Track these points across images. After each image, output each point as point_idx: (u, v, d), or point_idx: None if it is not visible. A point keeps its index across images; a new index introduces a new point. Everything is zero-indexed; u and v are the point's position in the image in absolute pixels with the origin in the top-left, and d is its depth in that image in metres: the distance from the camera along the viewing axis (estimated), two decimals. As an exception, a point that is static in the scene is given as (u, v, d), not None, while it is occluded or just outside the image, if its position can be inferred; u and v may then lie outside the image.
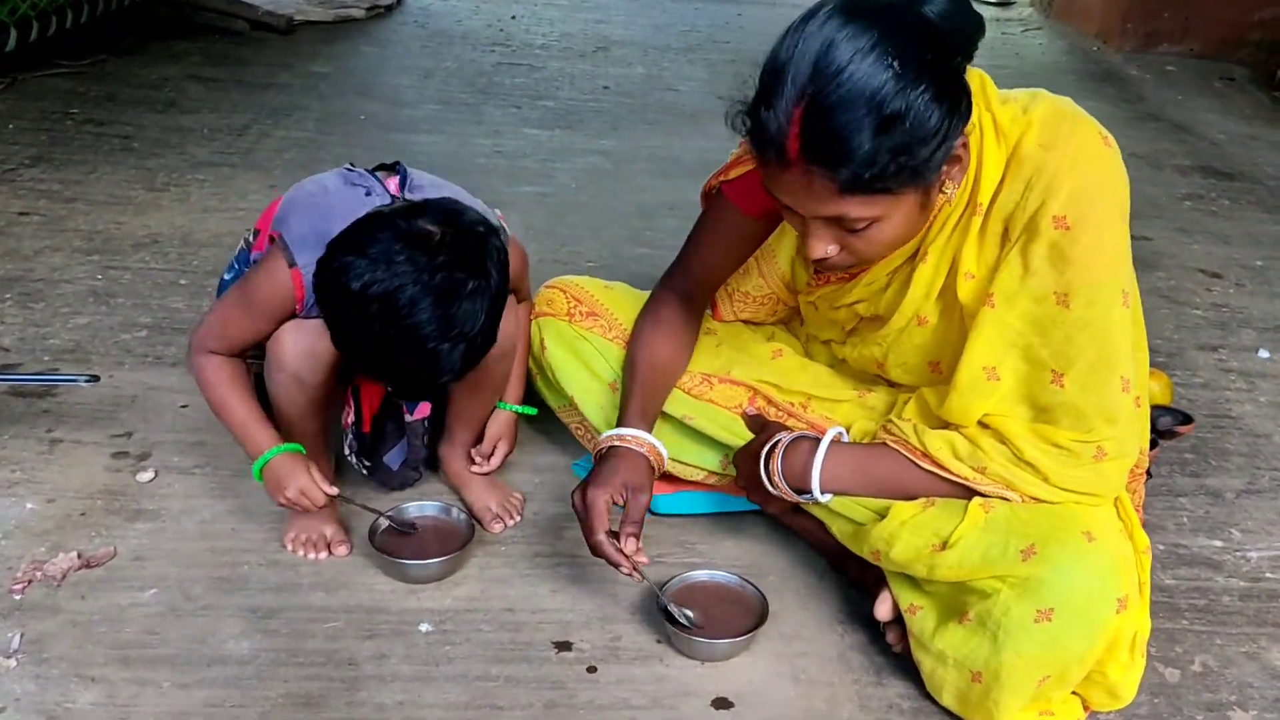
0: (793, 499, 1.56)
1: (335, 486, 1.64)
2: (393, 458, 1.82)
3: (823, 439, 1.52)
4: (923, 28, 1.26)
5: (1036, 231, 1.39)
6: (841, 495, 1.54)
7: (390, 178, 1.65)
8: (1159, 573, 1.79)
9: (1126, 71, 5.06)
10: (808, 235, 1.38)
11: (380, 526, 1.70)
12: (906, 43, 1.23)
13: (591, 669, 1.53)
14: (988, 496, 1.45)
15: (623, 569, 1.49)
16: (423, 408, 1.80)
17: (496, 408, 1.82)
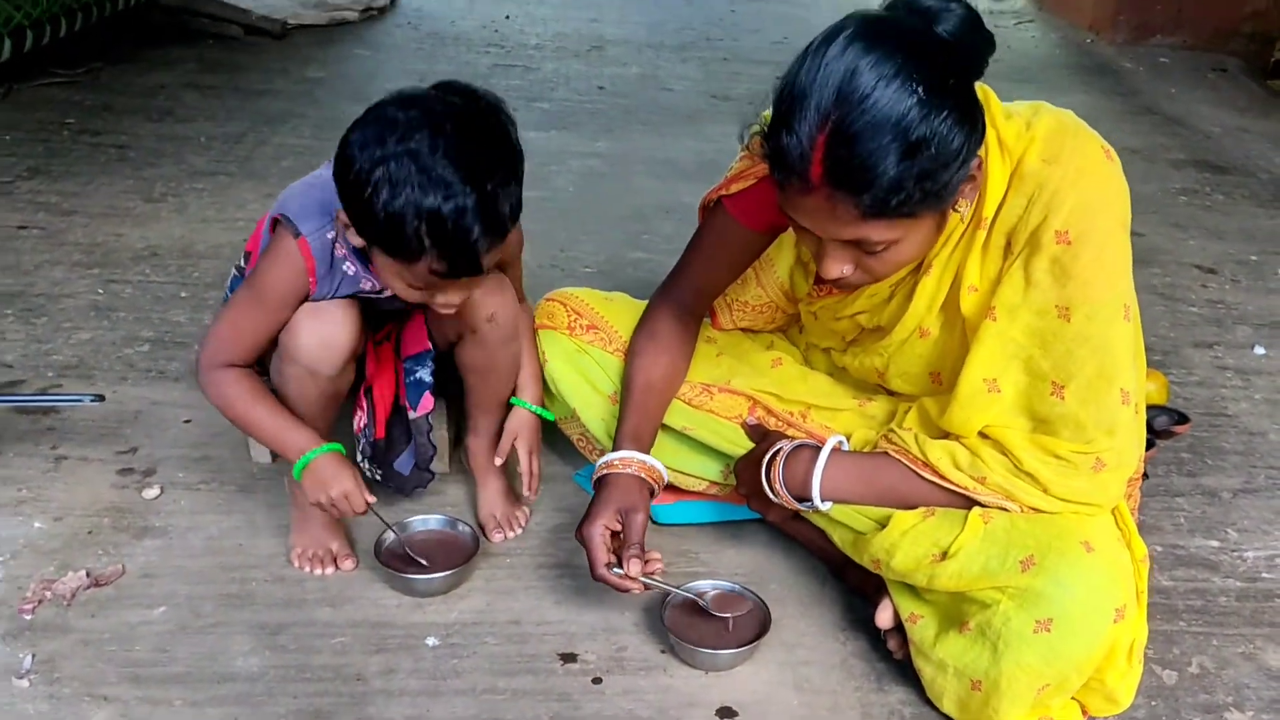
0: (794, 507, 1.58)
1: (373, 495, 1.63)
2: (403, 463, 1.82)
3: (823, 447, 1.54)
4: (942, 50, 1.26)
5: (1039, 246, 1.40)
6: (842, 503, 1.56)
7: None
8: (1156, 574, 1.82)
9: (1120, 64, 5.08)
10: (824, 256, 1.39)
11: (386, 540, 1.72)
12: (929, 67, 1.23)
13: (597, 680, 1.55)
14: (987, 506, 1.47)
15: (633, 591, 1.52)
16: (425, 402, 1.78)
17: (512, 405, 1.83)
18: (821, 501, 1.54)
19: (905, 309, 1.56)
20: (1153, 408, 2.27)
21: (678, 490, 1.82)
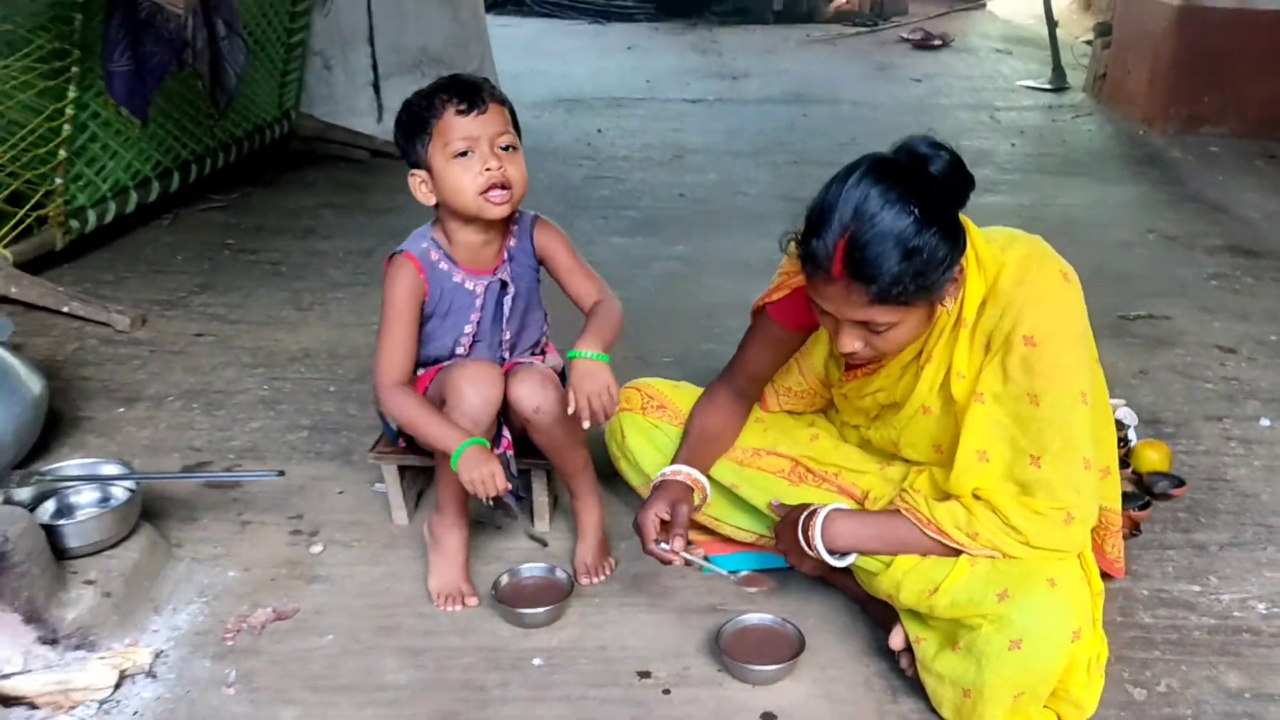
0: (827, 560, 1.94)
1: (508, 483, 2.01)
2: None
3: (839, 512, 1.94)
4: (933, 184, 1.70)
5: (1011, 347, 1.80)
6: (864, 555, 1.95)
7: None
8: (1140, 613, 2.16)
9: (1170, 154, 5.39)
10: (839, 334, 1.81)
11: (501, 584, 2.17)
12: (922, 195, 1.68)
13: (666, 691, 1.96)
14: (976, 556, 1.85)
15: (675, 563, 1.93)
16: (505, 443, 2.19)
17: (568, 357, 2.05)
18: (844, 556, 1.91)
19: (914, 388, 1.97)
20: (1154, 474, 2.60)
21: (733, 542, 2.24)
